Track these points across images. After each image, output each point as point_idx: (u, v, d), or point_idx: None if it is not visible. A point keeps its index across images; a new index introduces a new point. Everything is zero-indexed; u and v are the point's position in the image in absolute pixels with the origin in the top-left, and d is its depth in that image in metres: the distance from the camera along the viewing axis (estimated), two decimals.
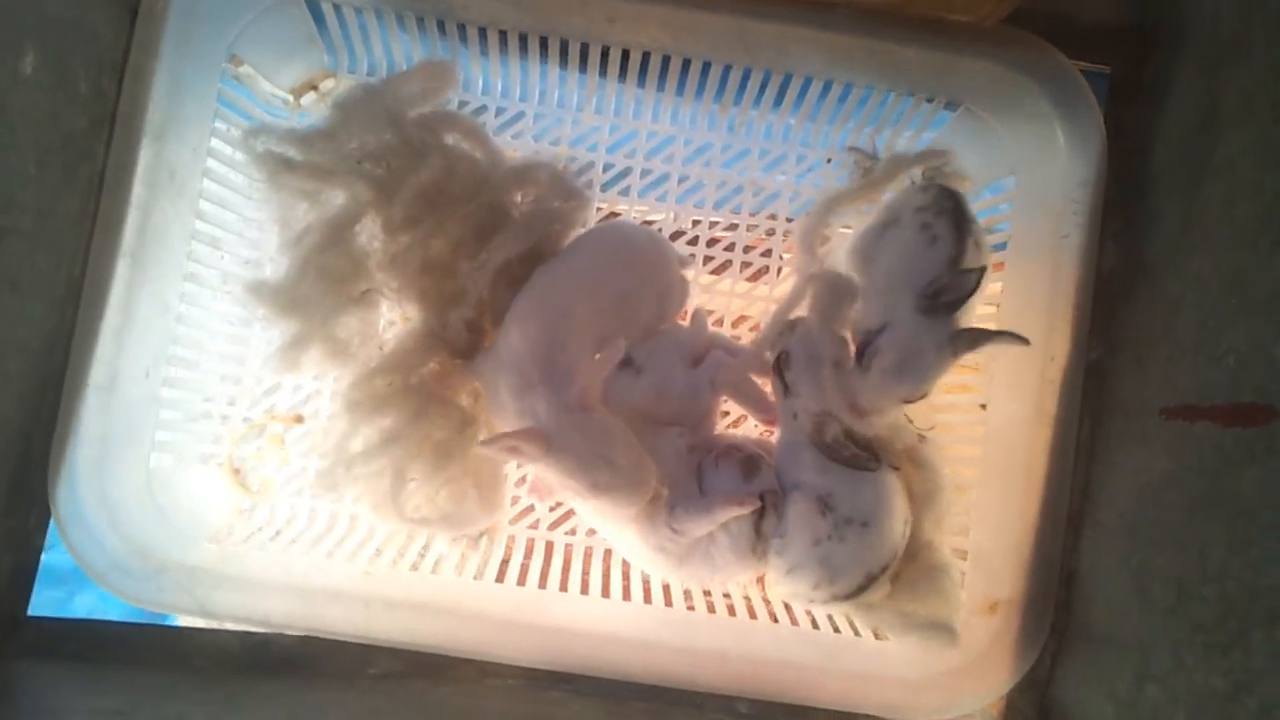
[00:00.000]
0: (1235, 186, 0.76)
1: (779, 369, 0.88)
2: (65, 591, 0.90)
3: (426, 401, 0.86)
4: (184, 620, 0.90)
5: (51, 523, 0.83)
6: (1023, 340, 0.81)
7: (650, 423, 0.87)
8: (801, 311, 0.92)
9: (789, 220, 1.06)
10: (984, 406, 0.91)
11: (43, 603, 0.87)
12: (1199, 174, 0.80)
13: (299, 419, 1.00)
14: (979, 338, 0.81)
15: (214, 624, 0.86)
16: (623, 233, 0.93)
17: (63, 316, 0.82)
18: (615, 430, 0.78)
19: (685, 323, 0.98)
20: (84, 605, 0.89)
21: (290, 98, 1.02)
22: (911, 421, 0.90)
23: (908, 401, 0.84)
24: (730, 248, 1.05)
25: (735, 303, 1.05)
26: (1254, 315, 0.70)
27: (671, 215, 1.06)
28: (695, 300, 1.02)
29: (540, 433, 0.76)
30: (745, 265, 1.05)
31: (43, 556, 0.86)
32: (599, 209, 1.03)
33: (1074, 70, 0.89)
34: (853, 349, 0.86)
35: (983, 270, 0.80)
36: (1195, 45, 0.85)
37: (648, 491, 0.79)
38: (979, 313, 0.94)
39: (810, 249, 0.95)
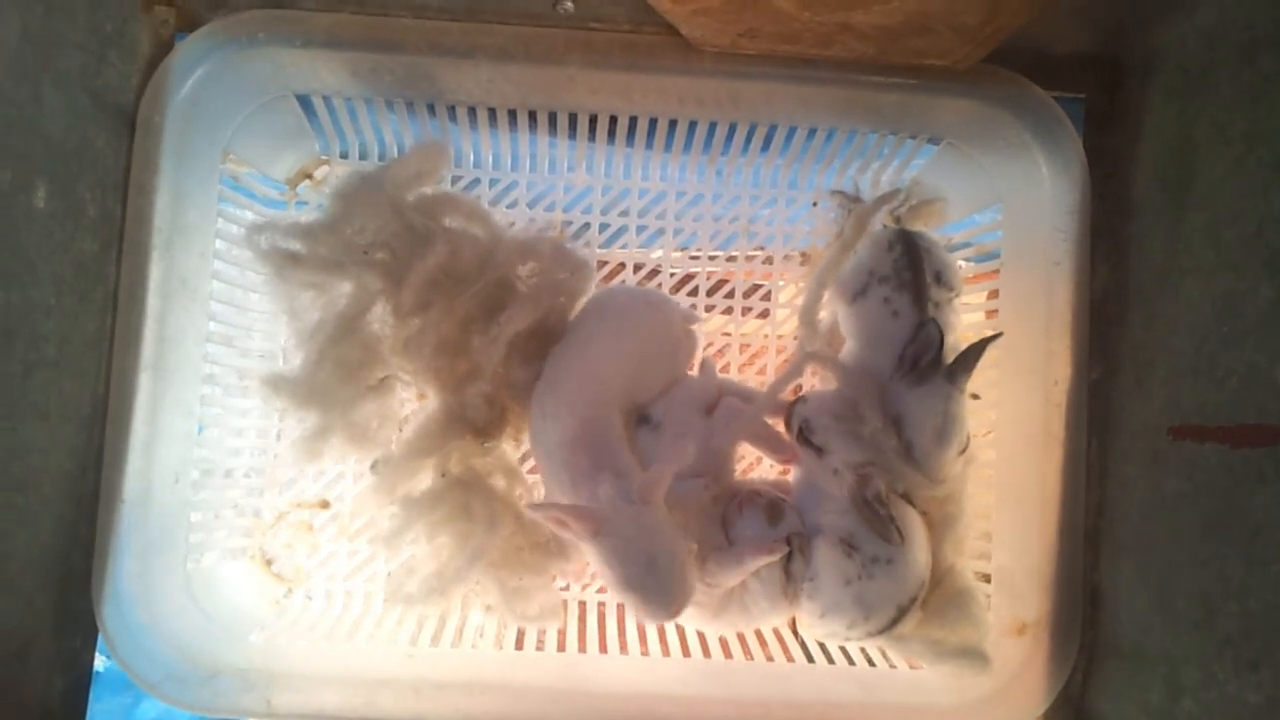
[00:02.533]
0: (1218, 213, 0.78)
1: (804, 439, 0.90)
2: (131, 697, 0.91)
3: (484, 494, 0.88)
4: None
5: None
6: (998, 335, 0.89)
7: (675, 477, 0.89)
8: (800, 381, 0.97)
9: (785, 259, 1.08)
10: (976, 396, 0.95)
11: (108, 710, 0.89)
12: (1181, 200, 0.83)
13: (325, 504, 1.01)
14: (969, 361, 0.86)
15: None
16: (631, 299, 0.95)
17: (90, 436, 0.83)
18: (666, 532, 0.78)
19: (693, 373, 0.99)
20: (153, 709, 0.90)
21: (286, 187, 1.03)
22: None
23: (963, 452, 0.88)
24: (731, 295, 1.08)
25: (740, 343, 1.08)
26: (1248, 339, 0.73)
27: (669, 267, 1.08)
28: (701, 349, 1.04)
29: (593, 515, 0.77)
30: (747, 309, 1.08)
31: (107, 663, 0.87)
32: (601, 263, 1.06)
33: (1050, 100, 0.91)
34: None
35: (934, 323, 0.86)
36: (1164, 75, 0.88)
37: (675, 607, 0.78)
38: (973, 321, 0.99)
39: (810, 325, 0.99)
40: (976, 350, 0.86)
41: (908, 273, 0.91)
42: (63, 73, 0.77)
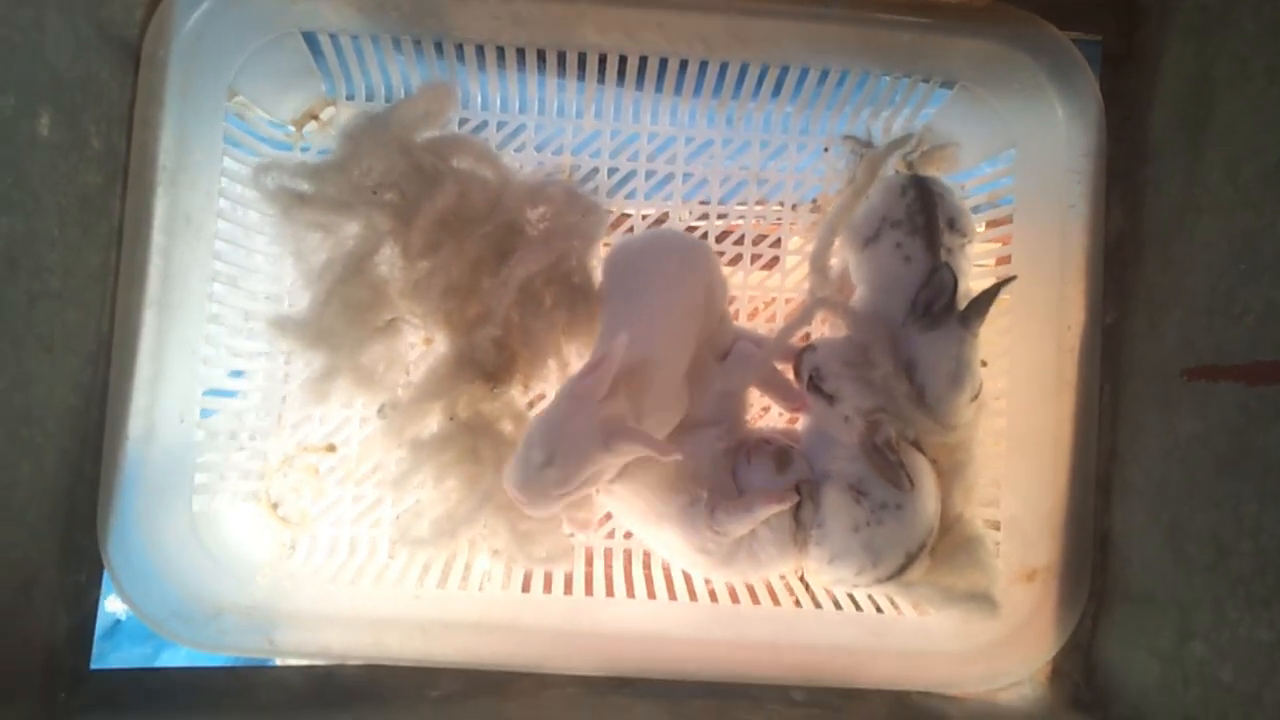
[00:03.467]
0: (1237, 150, 0.77)
1: (814, 386, 0.89)
2: (152, 647, 0.91)
3: (490, 438, 0.88)
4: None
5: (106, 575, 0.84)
6: (1012, 278, 0.88)
7: (687, 425, 0.89)
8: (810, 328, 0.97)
9: (794, 207, 1.07)
10: (984, 363, 0.93)
11: (130, 659, 0.90)
12: (1199, 139, 0.82)
13: (331, 448, 1.01)
14: (983, 305, 0.85)
15: (276, 661, 0.87)
16: (682, 246, 0.93)
17: (96, 371, 0.83)
18: (584, 437, 0.77)
19: None
20: (175, 657, 0.90)
21: (292, 129, 1.02)
22: None
23: (975, 399, 0.87)
24: (740, 240, 1.07)
25: (749, 294, 1.07)
26: (1265, 275, 0.72)
27: (679, 214, 1.07)
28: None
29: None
30: (755, 257, 1.07)
31: (128, 612, 0.87)
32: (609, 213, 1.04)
33: (1067, 42, 0.90)
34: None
35: (947, 267, 0.85)
36: (1183, 14, 0.87)
37: (526, 490, 0.76)
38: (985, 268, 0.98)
39: (821, 271, 0.98)
40: (990, 294, 0.85)
41: (920, 217, 0.89)
42: (66, 1, 0.76)
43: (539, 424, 0.77)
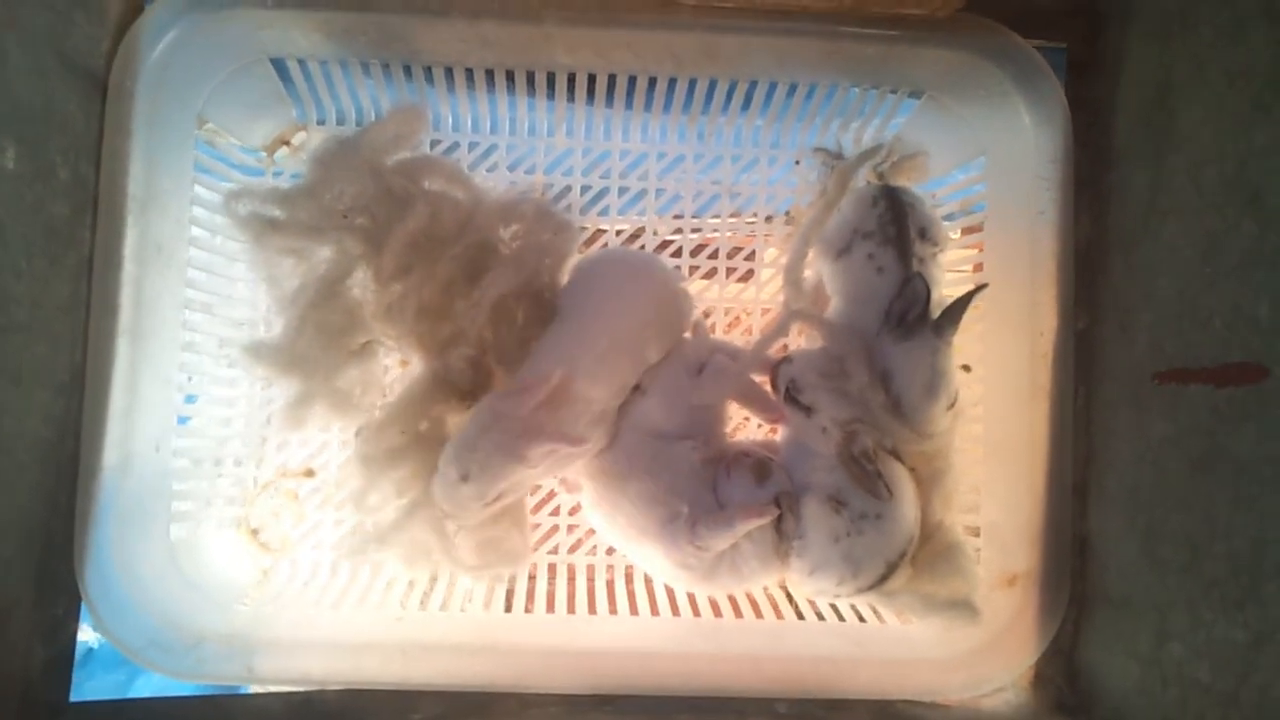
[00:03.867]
0: (1199, 154, 0.78)
1: (791, 398, 0.90)
2: (125, 674, 0.90)
3: (431, 451, 0.87)
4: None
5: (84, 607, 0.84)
6: (984, 286, 0.90)
7: (664, 440, 0.89)
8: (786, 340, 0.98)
9: (768, 219, 1.07)
10: (967, 368, 0.95)
11: (104, 687, 0.88)
12: (1162, 144, 0.83)
13: (310, 473, 1.01)
14: (956, 314, 0.86)
15: (255, 688, 0.87)
16: (625, 265, 0.94)
17: (68, 403, 0.83)
18: (504, 439, 0.81)
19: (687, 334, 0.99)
20: (148, 685, 0.89)
21: (263, 154, 1.03)
22: None
23: (951, 407, 0.87)
24: (715, 254, 1.07)
25: (725, 306, 1.07)
26: (1230, 278, 0.73)
27: (653, 229, 1.07)
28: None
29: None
30: (731, 270, 1.07)
31: (100, 640, 0.87)
32: (582, 229, 1.05)
33: (1031, 50, 0.91)
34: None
35: (920, 277, 0.85)
36: (1143, 19, 0.88)
37: (450, 498, 0.81)
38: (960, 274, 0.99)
39: (795, 283, 0.98)
40: (963, 303, 0.86)
41: (892, 228, 0.90)
42: (28, 31, 0.76)
43: (455, 443, 0.81)
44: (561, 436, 0.79)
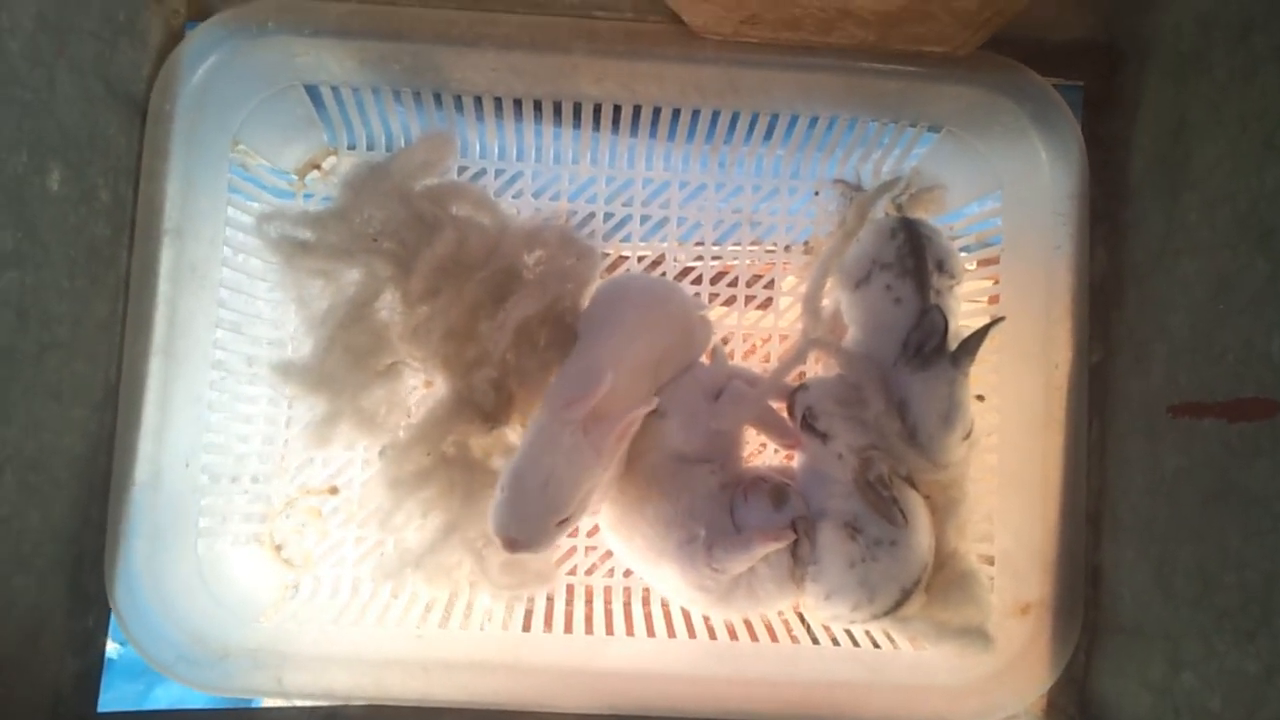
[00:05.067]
0: (1213, 193, 0.79)
1: (808, 425, 0.91)
2: (144, 684, 0.91)
3: (468, 472, 0.89)
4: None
5: (113, 619, 0.85)
6: (1001, 319, 0.91)
7: (683, 462, 0.90)
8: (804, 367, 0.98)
9: (787, 248, 1.09)
10: (980, 398, 0.95)
11: (122, 697, 0.89)
12: (1177, 182, 0.84)
13: (334, 490, 1.02)
14: (973, 345, 0.87)
15: (281, 701, 0.88)
16: (645, 289, 0.96)
17: (102, 419, 0.85)
18: (574, 467, 0.80)
19: (704, 359, 1.00)
20: (167, 695, 0.91)
21: (294, 178, 1.05)
22: None
23: (967, 437, 0.88)
24: (734, 282, 1.09)
25: (743, 333, 1.09)
26: (1243, 315, 0.74)
27: (674, 256, 1.09)
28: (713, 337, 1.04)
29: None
30: (750, 298, 1.09)
31: (120, 650, 0.88)
32: (604, 255, 1.07)
33: (1049, 87, 0.92)
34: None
35: (937, 309, 0.87)
36: (1160, 59, 0.90)
37: (521, 534, 0.77)
38: (974, 308, 1.00)
39: (813, 312, 1.00)
40: (980, 335, 0.87)
41: (910, 259, 0.91)
42: (76, 60, 0.79)
43: (521, 462, 0.79)
44: (627, 419, 0.80)
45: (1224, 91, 0.80)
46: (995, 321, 0.89)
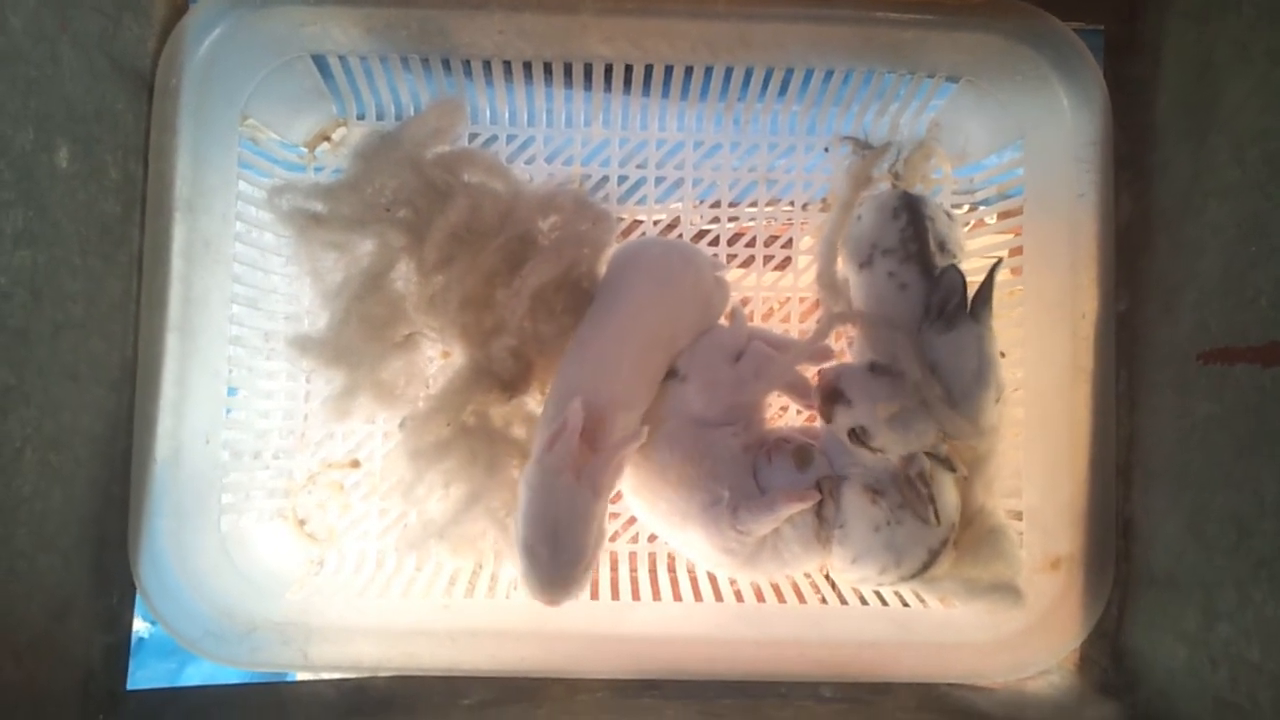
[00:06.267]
0: (1242, 133, 0.77)
1: (856, 438, 0.87)
2: (176, 662, 0.92)
3: (489, 442, 0.88)
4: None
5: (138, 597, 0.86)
6: (1000, 261, 0.89)
7: (704, 426, 0.89)
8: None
9: (804, 206, 1.08)
10: (1002, 354, 0.93)
11: (155, 675, 0.90)
12: (1204, 123, 0.82)
13: (355, 464, 1.02)
14: (986, 295, 0.86)
15: (309, 675, 0.88)
16: (662, 251, 0.95)
17: (120, 398, 0.84)
18: (581, 512, 0.81)
19: (724, 321, 0.99)
20: (198, 673, 0.91)
21: (304, 150, 1.04)
22: None
23: (998, 399, 0.87)
24: (751, 243, 1.07)
25: (762, 294, 1.07)
26: (1275, 256, 0.72)
27: (689, 218, 1.07)
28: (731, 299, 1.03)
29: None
30: (768, 258, 1.07)
31: (151, 629, 0.88)
32: (620, 219, 1.05)
33: (1069, 32, 0.90)
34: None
35: (953, 268, 0.86)
36: (1183, 0, 0.87)
37: (557, 590, 0.80)
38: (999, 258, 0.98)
39: (829, 287, 0.98)
40: (988, 284, 0.86)
41: (914, 244, 0.90)
42: (80, 34, 0.78)
43: (525, 525, 0.79)
44: (623, 446, 0.81)
45: (1251, 29, 0.77)
46: (996, 264, 0.87)
